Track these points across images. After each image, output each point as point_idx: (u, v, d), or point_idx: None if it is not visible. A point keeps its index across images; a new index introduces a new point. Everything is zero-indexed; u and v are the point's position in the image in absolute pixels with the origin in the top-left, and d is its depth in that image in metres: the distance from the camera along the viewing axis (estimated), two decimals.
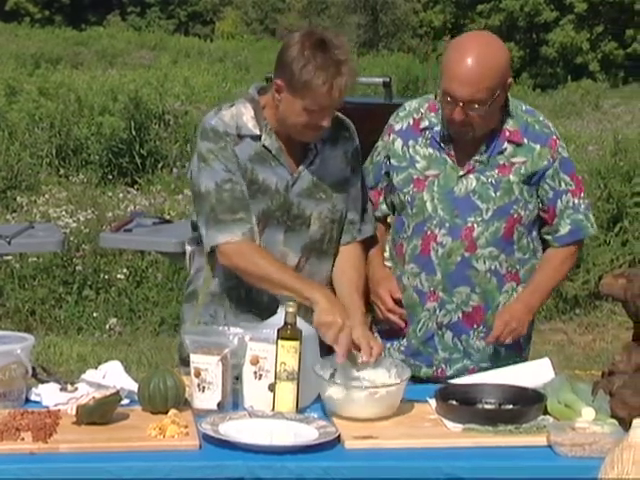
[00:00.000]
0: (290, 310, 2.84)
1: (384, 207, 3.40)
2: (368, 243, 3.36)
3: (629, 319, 2.94)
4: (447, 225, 3.22)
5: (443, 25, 33.11)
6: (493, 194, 3.21)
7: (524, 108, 3.29)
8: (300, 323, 2.87)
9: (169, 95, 13.49)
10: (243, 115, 3.18)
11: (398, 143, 3.30)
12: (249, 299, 3.23)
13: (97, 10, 34.65)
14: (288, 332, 2.82)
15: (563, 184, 3.26)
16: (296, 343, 2.82)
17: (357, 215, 3.31)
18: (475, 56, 3.07)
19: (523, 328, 3.24)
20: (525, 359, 3.32)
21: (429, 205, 3.23)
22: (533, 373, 3.05)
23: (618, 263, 8.42)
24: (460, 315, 3.25)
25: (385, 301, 3.29)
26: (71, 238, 7.90)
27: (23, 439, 2.63)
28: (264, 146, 3.17)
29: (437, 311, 3.25)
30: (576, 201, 3.27)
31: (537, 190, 3.26)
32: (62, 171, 11.34)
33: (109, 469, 2.53)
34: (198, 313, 3.30)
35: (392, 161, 3.30)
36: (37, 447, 2.60)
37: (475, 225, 3.21)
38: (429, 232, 3.23)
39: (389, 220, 3.46)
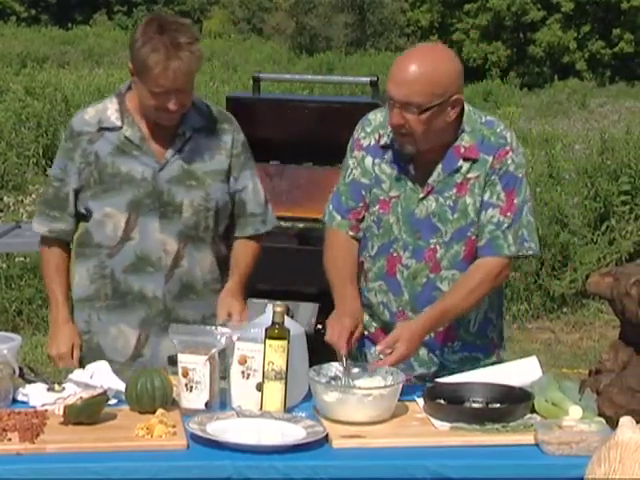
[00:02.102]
0: (278, 310, 2.84)
1: (364, 225, 3.24)
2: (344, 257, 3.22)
3: (616, 317, 2.94)
4: (411, 248, 3.16)
5: (430, 24, 33.15)
6: (450, 216, 3.13)
7: (484, 120, 3.16)
8: (288, 322, 2.88)
9: None
10: (108, 109, 3.30)
11: (368, 160, 3.21)
12: (118, 292, 3.29)
13: (83, 9, 34.56)
14: (276, 331, 2.82)
15: (495, 197, 3.13)
16: (284, 342, 2.82)
17: (259, 208, 3.38)
18: (418, 61, 3.01)
19: (410, 352, 3.03)
20: (502, 358, 3.29)
21: (395, 227, 3.17)
22: (520, 372, 3.06)
23: (605, 262, 8.44)
24: (433, 334, 3.16)
25: (341, 336, 3.00)
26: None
27: (10, 439, 2.62)
28: (126, 137, 3.26)
29: None
30: (501, 219, 3.13)
31: None
32: (49, 171, 11.29)
33: (96, 469, 2.52)
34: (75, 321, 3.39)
35: (363, 180, 3.21)
36: (24, 447, 2.59)
37: (438, 247, 3.15)
38: (395, 254, 3.18)
39: None
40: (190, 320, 3.27)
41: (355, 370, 2.96)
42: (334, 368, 2.95)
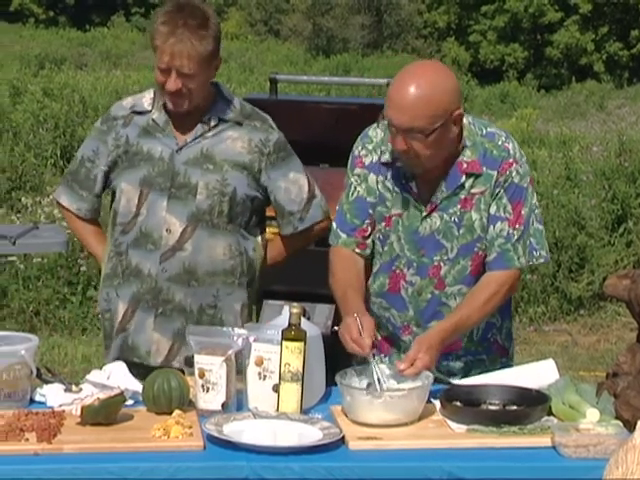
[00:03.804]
0: (294, 311, 2.84)
1: (370, 242, 3.21)
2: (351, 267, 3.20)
3: (633, 320, 2.94)
4: (415, 265, 3.14)
5: (447, 26, 33.10)
6: (456, 232, 3.11)
7: (485, 132, 3.12)
8: (304, 324, 2.88)
9: None
10: (144, 97, 3.43)
11: (372, 178, 3.18)
12: (130, 270, 3.34)
13: (101, 11, 34.66)
14: (292, 333, 2.82)
15: (502, 210, 3.11)
16: (300, 344, 2.82)
17: (296, 206, 3.41)
18: (415, 84, 2.96)
19: (433, 361, 2.98)
20: (510, 358, 3.29)
21: (396, 245, 3.16)
22: (537, 374, 3.05)
23: (622, 264, 8.43)
24: None
25: (351, 331, 2.98)
26: (75, 239, 7.90)
27: (27, 440, 2.64)
28: (153, 119, 3.36)
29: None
30: (510, 231, 3.11)
31: None
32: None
33: (113, 470, 2.53)
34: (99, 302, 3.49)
35: (369, 198, 3.18)
36: (41, 448, 2.60)
37: (442, 264, 3.13)
38: (397, 271, 3.17)
39: None
40: (187, 308, 3.30)
41: (386, 372, 2.93)
42: (364, 371, 2.93)
